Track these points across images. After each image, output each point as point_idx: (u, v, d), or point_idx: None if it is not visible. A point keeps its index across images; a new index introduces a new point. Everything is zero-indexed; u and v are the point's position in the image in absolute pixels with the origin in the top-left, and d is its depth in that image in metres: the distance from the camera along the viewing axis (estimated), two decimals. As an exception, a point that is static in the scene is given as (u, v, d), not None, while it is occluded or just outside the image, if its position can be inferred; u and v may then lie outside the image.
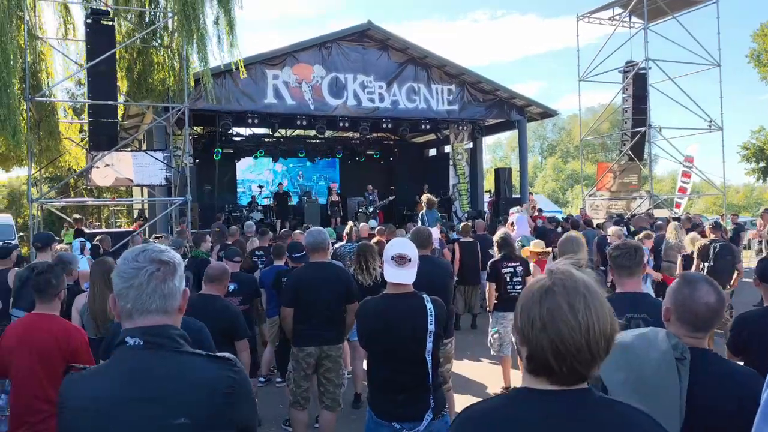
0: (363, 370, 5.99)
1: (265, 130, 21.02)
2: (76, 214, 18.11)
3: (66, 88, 25.03)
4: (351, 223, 9.09)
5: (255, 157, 21.75)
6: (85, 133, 14.39)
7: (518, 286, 6.50)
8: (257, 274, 7.25)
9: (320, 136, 20.08)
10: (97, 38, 11.86)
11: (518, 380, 1.86)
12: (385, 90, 16.61)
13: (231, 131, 18.93)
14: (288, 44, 15.64)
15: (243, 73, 13.63)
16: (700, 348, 2.07)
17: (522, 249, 8.49)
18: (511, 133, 24.12)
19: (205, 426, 1.52)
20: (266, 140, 21.90)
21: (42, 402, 3.13)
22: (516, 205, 12.81)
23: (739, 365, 2.32)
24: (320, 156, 22.88)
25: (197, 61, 12.73)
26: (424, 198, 10.69)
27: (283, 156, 22.12)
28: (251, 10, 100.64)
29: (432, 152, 24.63)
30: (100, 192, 24.58)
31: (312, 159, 22.80)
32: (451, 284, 5.47)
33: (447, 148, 21.74)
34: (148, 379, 1.53)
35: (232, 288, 5.52)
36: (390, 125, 18.26)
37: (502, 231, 7.50)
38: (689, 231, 11.17)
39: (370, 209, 17.96)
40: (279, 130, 20.22)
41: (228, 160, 20.70)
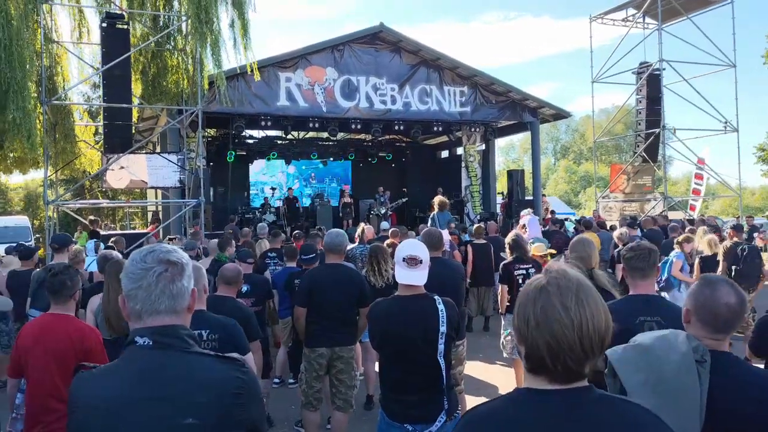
0: (375, 372, 5.98)
1: (278, 133, 21.14)
2: (92, 216, 18.26)
3: (82, 92, 25.36)
4: (362, 225, 9.10)
5: (268, 160, 21.86)
6: (100, 136, 14.52)
7: (530, 289, 6.44)
8: (267, 274, 7.29)
9: (332, 138, 20.15)
10: (112, 42, 11.98)
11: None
12: (398, 92, 16.62)
13: (244, 133, 19.02)
14: (300, 47, 15.70)
15: (257, 76, 13.70)
16: (721, 350, 2.05)
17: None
18: (524, 135, 24.09)
19: (214, 426, 1.52)
20: (279, 142, 22.01)
21: (57, 401, 3.15)
22: (528, 207, 12.74)
23: (760, 368, 2.30)
24: (332, 158, 22.95)
25: (211, 64, 12.83)
26: (436, 200, 10.67)
27: (296, 158, 22.22)
28: (264, 13, 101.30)
29: (444, 154, 24.59)
30: (115, 194, 24.77)
31: (324, 161, 22.88)
32: (463, 286, 5.46)
33: (459, 150, 21.68)
34: (158, 379, 1.53)
35: (245, 289, 5.55)
36: (402, 127, 18.27)
37: (514, 233, 7.46)
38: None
39: (382, 211, 17.96)
40: (291, 133, 20.27)
41: (241, 163, 20.83)
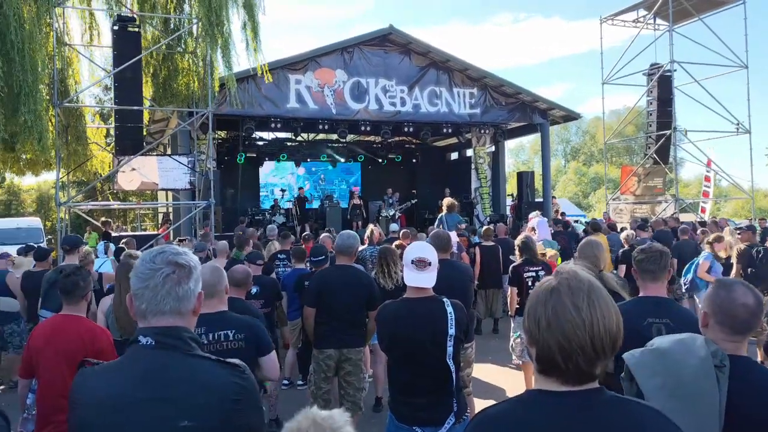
0: (384, 374, 5.99)
1: (288, 135, 21.20)
2: (104, 218, 18.42)
3: (93, 94, 25.53)
4: (371, 226, 9.11)
5: (277, 161, 21.93)
6: (112, 138, 14.62)
7: (540, 291, 6.42)
8: (273, 275, 7.32)
9: (342, 140, 20.18)
10: (124, 44, 12.06)
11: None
12: (407, 94, 16.62)
13: (254, 135, 19.08)
14: (310, 49, 15.75)
15: (268, 78, 13.74)
16: (739, 355, 2.04)
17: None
18: (534, 137, 24.00)
19: (212, 429, 1.53)
20: (289, 144, 22.08)
21: (68, 402, 3.17)
22: (537, 209, 12.69)
23: None
24: (342, 160, 22.99)
25: (221, 66, 12.87)
26: (445, 201, 10.68)
27: (306, 160, 22.27)
28: (274, 16, 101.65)
29: (454, 156, 24.57)
30: (126, 196, 24.94)
31: (334, 163, 22.92)
32: (471, 288, 5.45)
33: (469, 152, 21.65)
34: (160, 380, 1.55)
35: (254, 291, 5.57)
36: (412, 129, 18.27)
37: (524, 235, 7.45)
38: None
39: (391, 212, 17.96)
40: (301, 135, 20.34)
41: (251, 165, 20.91)
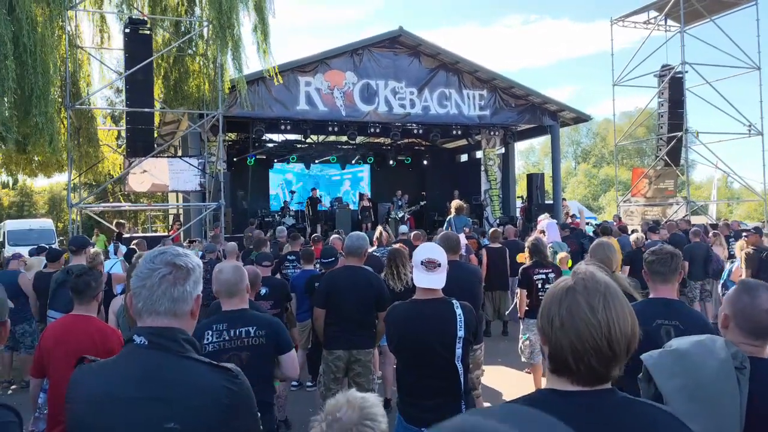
0: (393, 375, 5.98)
1: (298, 137, 21.24)
2: (118, 218, 18.64)
3: (105, 96, 25.72)
4: (380, 228, 9.11)
5: (287, 163, 21.99)
6: (123, 140, 14.72)
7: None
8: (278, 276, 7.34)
9: (352, 142, 20.19)
10: (135, 47, 12.16)
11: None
12: (416, 96, 16.62)
13: (264, 137, 19.15)
14: (320, 51, 15.80)
15: (278, 80, 13.79)
16: (759, 357, 2.02)
17: (518, 256, 8.51)
18: (545, 138, 23.93)
19: None
20: (298, 146, 22.12)
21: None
22: (546, 212, 12.64)
23: None
24: (352, 162, 23.01)
25: (232, 69, 12.95)
26: (453, 203, 10.65)
27: (315, 162, 22.31)
28: (284, 18, 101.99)
29: (463, 158, 24.52)
30: (137, 197, 25.09)
31: (343, 165, 22.95)
32: (480, 289, 5.43)
33: (478, 154, 21.60)
34: (152, 380, 1.56)
35: (263, 292, 5.58)
36: (421, 131, 18.26)
37: (534, 237, 7.42)
38: (728, 238, 10.93)
39: (400, 214, 17.96)
40: (311, 137, 20.38)
41: (261, 166, 20.98)
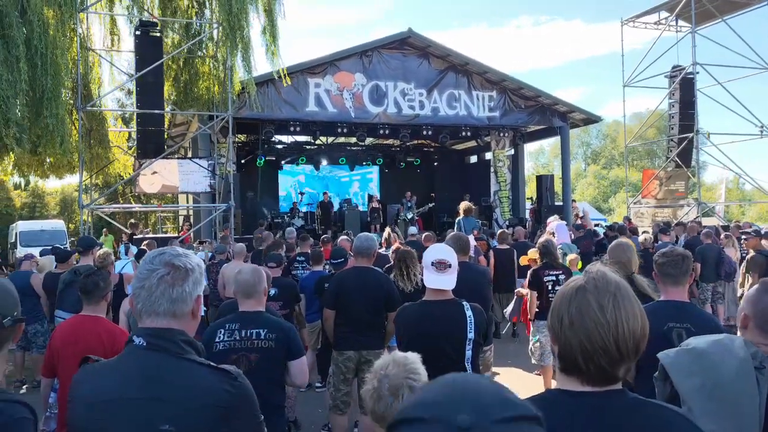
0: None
1: (307, 138, 21.29)
2: (133, 219, 18.85)
3: (116, 98, 25.88)
4: (388, 230, 9.10)
5: (296, 165, 22.02)
6: (134, 141, 14.80)
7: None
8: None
9: (361, 144, 20.21)
10: (146, 49, 12.21)
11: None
12: (426, 97, 16.60)
13: (273, 139, 19.20)
14: (329, 53, 15.82)
15: (287, 82, 13.82)
16: None
17: (521, 258, 8.54)
18: (554, 140, 23.79)
19: None
20: (308, 148, 22.16)
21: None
22: (555, 213, 12.59)
23: None
24: (361, 163, 23.02)
25: (241, 70, 12.99)
26: (462, 205, 10.62)
27: (325, 163, 22.34)
28: (293, 20, 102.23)
29: (473, 159, 24.47)
30: (147, 198, 25.22)
31: (352, 166, 22.95)
32: (490, 291, 5.41)
33: (488, 155, 21.56)
34: (149, 381, 1.55)
35: (273, 293, 5.58)
36: (430, 132, 18.23)
37: (544, 239, 7.39)
38: (739, 239, 10.83)
39: (409, 216, 17.94)
40: (320, 138, 20.41)
41: (270, 168, 21.02)
